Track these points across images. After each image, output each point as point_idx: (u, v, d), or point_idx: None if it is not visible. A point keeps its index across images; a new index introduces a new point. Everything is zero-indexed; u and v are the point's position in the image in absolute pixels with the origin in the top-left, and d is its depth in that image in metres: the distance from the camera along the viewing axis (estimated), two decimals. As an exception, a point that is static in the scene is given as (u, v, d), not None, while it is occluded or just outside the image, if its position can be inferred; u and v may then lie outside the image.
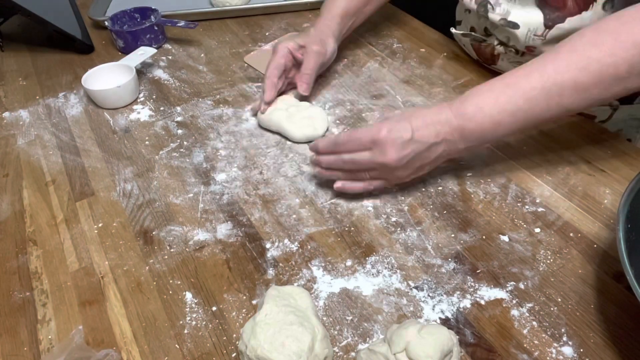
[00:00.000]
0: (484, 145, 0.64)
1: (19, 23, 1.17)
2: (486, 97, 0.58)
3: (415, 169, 0.62)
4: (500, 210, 0.63)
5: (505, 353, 0.49)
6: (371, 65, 0.92)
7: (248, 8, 1.12)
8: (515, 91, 0.57)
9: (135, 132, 0.82)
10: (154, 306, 0.56)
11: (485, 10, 0.76)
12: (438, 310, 0.53)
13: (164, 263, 0.61)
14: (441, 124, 0.59)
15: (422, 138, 0.59)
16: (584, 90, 0.54)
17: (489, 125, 0.58)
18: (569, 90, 0.55)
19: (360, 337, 0.51)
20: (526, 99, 0.56)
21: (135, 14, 1.04)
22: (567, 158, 0.69)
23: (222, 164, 0.74)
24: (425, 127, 0.59)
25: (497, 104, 0.57)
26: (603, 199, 0.63)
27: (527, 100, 0.56)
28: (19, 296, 0.59)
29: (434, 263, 0.58)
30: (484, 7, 0.76)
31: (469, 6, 0.79)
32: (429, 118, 0.60)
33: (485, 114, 0.58)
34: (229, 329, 0.53)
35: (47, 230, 0.66)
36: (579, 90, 0.54)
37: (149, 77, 0.95)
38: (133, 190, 0.71)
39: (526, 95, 0.56)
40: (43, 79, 0.97)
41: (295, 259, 0.60)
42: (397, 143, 0.58)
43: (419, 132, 0.59)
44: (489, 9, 0.75)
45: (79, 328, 0.54)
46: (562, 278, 0.55)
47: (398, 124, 0.59)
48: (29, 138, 0.83)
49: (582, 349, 0.49)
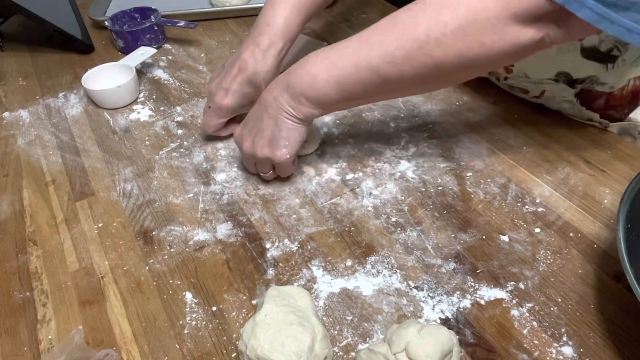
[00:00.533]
0: (318, 109, 0.62)
1: (19, 23, 1.17)
2: (311, 56, 0.61)
3: (268, 136, 0.64)
4: (500, 210, 0.63)
5: (505, 353, 0.49)
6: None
7: (248, 8, 1.12)
8: (334, 48, 0.59)
9: (135, 132, 0.82)
10: (154, 306, 0.56)
11: None
12: (438, 310, 0.53)
13: (164, 263, 0.61)
14: (269, 88, 0.64)
15: (258, 126, 0.64)
16: (387, 52, 0.54)
17: (306, 78, 0.60)
18: (375, 49, 0.55)
19: (360, 337, 0.51)
20: (340, 54, 0.58)
21: (135, 14, 1.04)
22: (567, 158, 0.69)
23: (222, 164, 0.74)
24: (257, 118, 0.65)
25: (317, 59, 0.60)
26: (603, 199, 0.63)
27: (341, 56, 0.58)
28: (19, 296, 0.59)
29: (434, 263, 0.58)
30: None
31: None
32: (257, 106, 0.65)
33: (305, 67, 0.60)
34: (229, 329, 0.53)
35: (47, 230, 0.66)
36: (383, 50, 0.54)
37: (149, 77, 0.95)
38: (133, 190, 0.71)
39: (342, 51, 0.58)
40: (43, 79, 0.97)
41: (295, 259, 0.60)
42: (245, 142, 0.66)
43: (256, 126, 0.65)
44: None
45: (79, 328, 0.54)
46: (562, 278, 0.55)
47: (240, 129, 0.67)
48: (29, 138, 0.83)
49: (582, 349, 0.49)
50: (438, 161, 0.71)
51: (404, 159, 0.71)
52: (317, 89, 0.59)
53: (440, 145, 0.73)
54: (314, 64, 0.60)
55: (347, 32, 1.02)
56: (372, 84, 0.57)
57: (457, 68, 0.53)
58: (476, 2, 0.49)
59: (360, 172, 0.70)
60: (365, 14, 1.08)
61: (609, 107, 0.69)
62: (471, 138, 0.74)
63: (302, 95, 0.60)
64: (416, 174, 0.69)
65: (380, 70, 0.55)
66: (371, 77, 0.56)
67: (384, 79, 0.56)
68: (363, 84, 0.57)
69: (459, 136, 0.74)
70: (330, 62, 0.58)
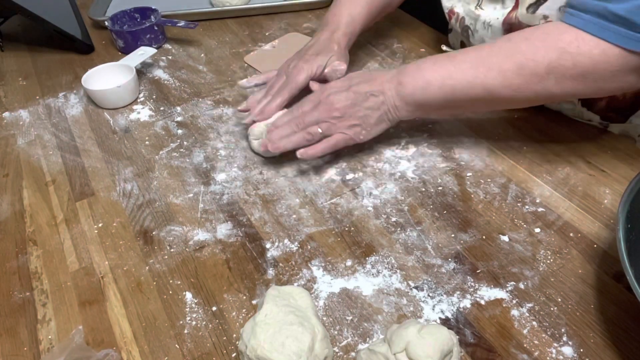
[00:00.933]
0: (416, 112, 0.67)
1: (19, 23, 1.17)
2: (427, 61, 0.65)
3: (358, 118, 0.67)
4: (500, 210, 0.63)
5: (505, 353, 0.49)
6: (371, 65, 0.92)
7: (248, 8, 1.12)
8: (451, 60, 0.63)
9: (135, 132, 0.82)
10: (154, 306, 0.56)
11: (467, 35, 0.79)
12: (438, 310, 0.53)
13: (164, 263, 0.61)
14: (381, 79, 0.67)
15: (360, 89, 0.67)
16: (505, 77, 0.59)
17: (420, 82, 0.64)
18: (493, 72, 0.60)
19: (360, 337, 0.51)
20: (457, 67, 0.62)
21: (135, 14, 1.04)
22: (567, 158, 0.69)
23: (222, 164, 0.74)
24: (365, 82, 0.67)
25: (433, 66, 0.64)
26: (603, 199, 0.63)
27: (457, 70, 0.62)
28: (19, 296, 0.59)
29: (434, 263, 0.58)
30: (466, 32, 0.79)
31: (454, 27, 0.82)
32: (369, 75, 0.68)
33: (421, 71, 0.64)
34: (229, 329, 0.53)
35: (47, 230, 0.66)
36: (502, 75, 0.59)
37: (149, 77, 0.95)
38: (133, 190, 0.71)
39: (458, 65, 0.62)
40: (43, 79, 0.97)
41: (295, 259, 0.60)
42: (338, 93, 0.67)
43: (357, 85, 0.67)
44: (470, 35, 0.78)
45: (79, 328, 0.54)
46: (562, 278, 0.55)
47: (340, 82, 0.69)
48: (29, 138, 0.83)
49: (582, 349, 0.49)
50: (438, 161, 0.71)
51: (404, 159, 0.71)
52: (428, 94, 0.64)
53: (440, 145, 0.73)
54: (430, 70, 0.64)
55: (347, 32, 1.02)
56: (481, 101, 0.63)
57: (567, 97, 0.62)
58: (598, 54, 0.55)
59: (360, 172, 0.70)
60: (365, 14, 1.08)
61: (610, 110, 0.70)
62: (471, 138, 0.74)
63: (411, 96, 0.65)
64: (416, 174, 0.69)
65: (495, 91, 0.60)
66: (483, 95, 0.61)
67: (495, 99, 0.62)
68: (473, 98, 0.62)
69: (459, 136, 0.74)
70: (447, 72, 0.62)
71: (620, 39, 0.53)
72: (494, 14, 0.71)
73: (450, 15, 0.81)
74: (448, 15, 0.82)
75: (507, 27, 0.70)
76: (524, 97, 0.61)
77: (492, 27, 0.72)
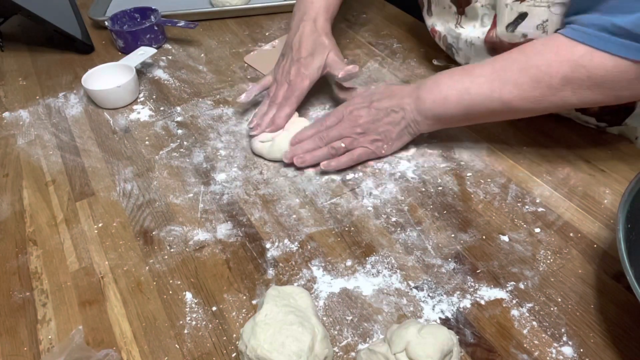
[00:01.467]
0: (436, 126, 0.69)
1: (19, 23, 1.17)
2: (444, 75, 0.66)
3: (380, 133, 0.69)
4: (500, 210, 0.63)
5: (505, 353, 0.49)
6: (371, 65, 0.92)
7: (248, 8, 1.12)
8: (467, 75, 0.64)
9: (135, 132, 0.82)
10: (154, 306, 0.56)
11: (452, 53, 0.80)
12: (438, 310, 0.53)
13: (164, 263, 0.61)
14: (401, 95, 0.68)
15: (381, 105, 0.68)
16: (522, 90, 0.60)
17: (439, 97, 0.65)
18: (509, 86, 0.60)
19: (360, 337, 0.51)
20: (473, 82, 0.63)
21: (135, 14, 1.04)
22: (567, 158, 0.69)
23: (222, 164, 0.74)
24: (386, 97, 0.69)
25: (450, 81, 0.65)
26: (603, 199, 0.63)
27: (474, 84, 0.63)
28: (19, 296, 0.59)
29: (434, 263, 0.58)
30: (450, 50, 0.80)
31: (439, 44, 0.83)
32: (390, 91, 0.70)
33: (439, 86, 0.66)
34: (229, 329, 0.53)
35: (47, 230, 0.66)
36: (518, 88, 0.60)
37: (149, 77, 0.95)
38: (133, 190, 0.71)
39: (475, 80, 0.63)
40: (43, 79, 0.97)
41: (295, 259, 0.60)
42: (360, 109, 0.69)
43: (378, 102, 0.69)
44: (454, 53, 0.79)
45: (79, 328, 0.54)
46: (562, 278, 0.55)
47: (362, 98, 0.71)
48: (29, 138, 0.83)
49: (582, 349, 0.49)
50: (438, 161, 0.71)
51: (404, 159, 0.71)
52: (447, 109, 0.65)
53: (440, 145, 0.73)
54: (447, 86, 0.65)
55: (347, 32, 1.02)
56: (499, 112, 0.64)
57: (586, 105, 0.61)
58: (612, 66, 0.55)
59: (360, 172, 0.70)
60: (365, 14, 1.08)
61: (604, 113, 0.70)
62: (471, 138, 0.74)
63: (430, 111, 0.66)
64: (416, 174, 0.69)
65: (513, 104, 0.61)
66: (501, 108, 0.62)
67: (514, 111, 0.63)
68: (491, 111, 0.63)
69: (459, 136, 0.74)
70: (464, 87, 0.63)
71: (629, 52, 0.53)
72: (474, 33, 0.73)
73: (433, 33, 0.82)
74: (431, 32, 0.83)
75: (489, 46, 0.71)
76: (542, 107, 0.61)
77: (475, 46, 0.73)
